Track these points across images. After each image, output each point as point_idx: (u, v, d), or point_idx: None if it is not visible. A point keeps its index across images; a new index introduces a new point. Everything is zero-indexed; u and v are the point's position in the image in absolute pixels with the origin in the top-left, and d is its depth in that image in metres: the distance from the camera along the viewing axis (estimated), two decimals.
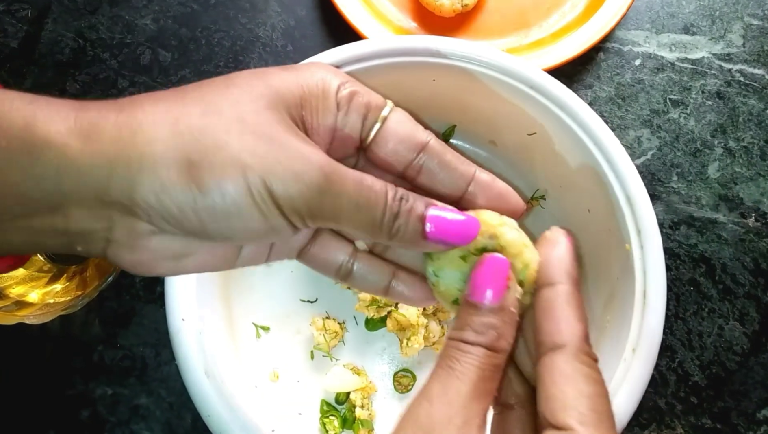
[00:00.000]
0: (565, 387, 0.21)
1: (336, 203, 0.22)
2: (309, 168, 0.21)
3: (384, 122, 0.25)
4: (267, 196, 0.20)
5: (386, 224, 0.23)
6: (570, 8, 0.52)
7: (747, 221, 0.48)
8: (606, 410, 0.21)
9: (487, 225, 0.25)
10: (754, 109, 0.51)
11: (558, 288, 0.23)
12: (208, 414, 0.33)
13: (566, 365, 0.21)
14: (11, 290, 0.41)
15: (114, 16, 0.52)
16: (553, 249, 0.24)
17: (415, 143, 0.25)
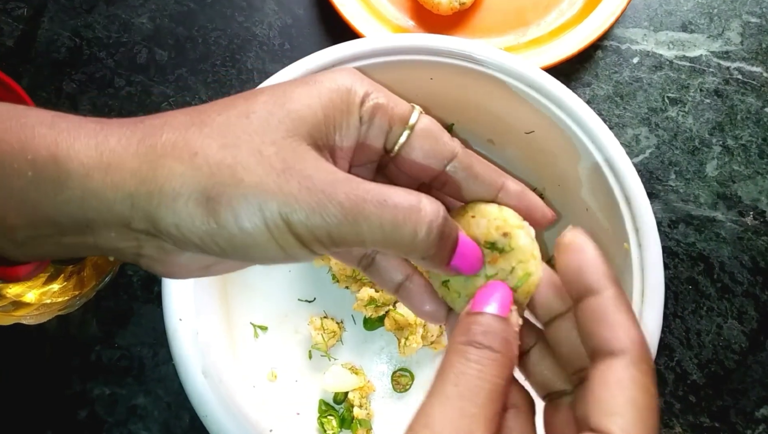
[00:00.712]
0: (617, 393, 0.20)
1: (358, 230, 0.21)
2: (326, 200, 0.20)
3: (411, 131, 0.24)
4: (285, 229, 0.20)
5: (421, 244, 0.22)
6: (568, 6, 0.52)
7: (745, 220, 0.48)
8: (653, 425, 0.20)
9: (504, 223, 0.24)
10: (752, 107, 0.51)
11: (605, 294, 0.21)
12: (205, 414, 0.33)
13: (624, 371, 0.20)
14: (8, 291, 0.41)
15: (110, 14, 0.52)
16: (583, 254, 0.22)
17: (442, 156, 0.25)
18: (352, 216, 0.20)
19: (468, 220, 0.25)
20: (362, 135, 0.24)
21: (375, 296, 0.41)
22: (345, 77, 0.23)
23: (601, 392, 0.20)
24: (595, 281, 0.22)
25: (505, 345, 0.21)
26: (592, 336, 0.21)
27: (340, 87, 0.23)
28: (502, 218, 0.25)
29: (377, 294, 0.42)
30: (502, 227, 0.24)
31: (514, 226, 0.24)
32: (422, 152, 0.25)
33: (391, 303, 0.42)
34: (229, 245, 0.21)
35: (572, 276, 0.22)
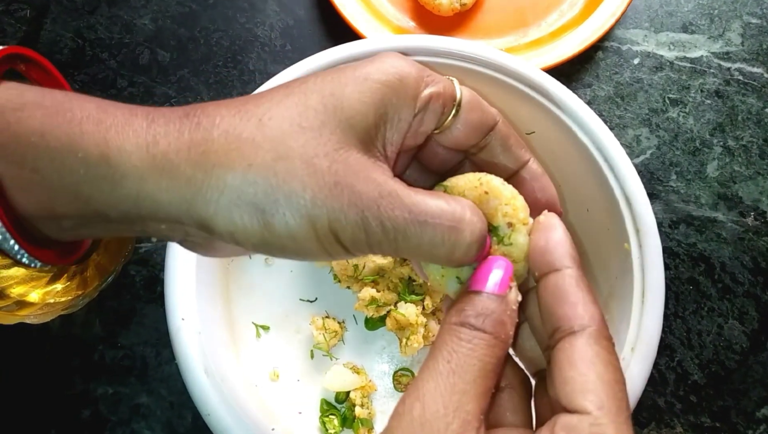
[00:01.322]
0: (585, 371, 0.20)
1: (397, 245, 0.22)
2: (370, 217, 0.21)
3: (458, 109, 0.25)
4: (333, 240, 0.21)
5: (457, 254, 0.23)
6: (568, 7, 0.52)
7: (746, 220, 0.48)
8: (624, 398, 0.21)
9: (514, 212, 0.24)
10: (753, 107, 0.51)
11: (566, 273, 0.22)
12: (207, 413, 0.33)
13: (587, 348, 0.21)
14: (12, 290, 0.41)
15: (112, 16, 0.52)
16: (551, 234, 0.23)
17: (486, 126, 0.26)
18: (392, 235, 0.21)
19: (480, 194, 0.25)
20: (416, 123, 0.24)
21: (376, 296, 0.42)
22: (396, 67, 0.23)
23: (568, 371, 0.21)
24: (558, 259, 0.23)
25: (497, 326, 0.22)
26: (552, 314, 0.22)
27: (391, 81, 0.22)
28: (513, 206, 0.24)
29: (378, 294, 0.42)
30: (510, 216, 0.24)
31: (520, 220, 0.24)
32: (468, 125, 0.25)
33: (393, 303, 0.42)
34: (278, 250, 0.22)
35: (538, 254, 0.23)
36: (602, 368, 0.21)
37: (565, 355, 0.21)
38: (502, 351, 0.22)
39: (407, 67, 0.23)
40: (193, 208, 0.21)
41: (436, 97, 0.24)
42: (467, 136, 0.25)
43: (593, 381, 0.20)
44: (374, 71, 0.22)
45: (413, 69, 0.23)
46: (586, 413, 0.20)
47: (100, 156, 0.20)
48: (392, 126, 0.23)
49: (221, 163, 0.21)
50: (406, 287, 0.42)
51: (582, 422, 0.20)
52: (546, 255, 0.23)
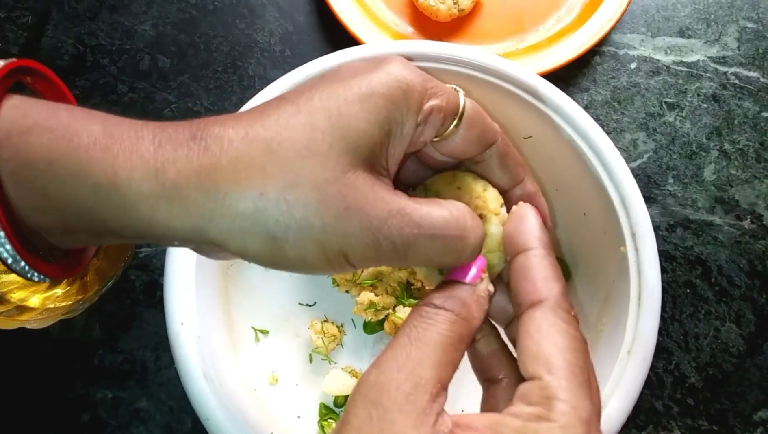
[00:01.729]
0: (540, 340, 0.21)
1: (406, 262, 0.23)
2: (380, 239, 0.22)
3: (460, 121, 0.25)
4: (343, 261, 0.22)
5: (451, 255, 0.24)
6: (566, 12, 0.52)
7: (743, 224, 0.49)
8: (580, 364, 0.21)
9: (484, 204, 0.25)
10: (750, 111, 0.51)
11: (531, 252, 0.23)
12: (207, 418, 0.34)
13: (543, 320, 0.22)
14: (12, 295, 0.41)
15: (113, 22, 0.52)
16: (522, 221, 0.25)
17: (485, 143, 0.26)
18: (403, 251, 0.22)
19: (453, 190, 0.26)
20: (416, 134, 0.24)
21: (375, 300, 0.42)
22: (400, 79, 0.23)
23: (524, 341, 0.22)
24: (525, 241, 0.24)
25: (458, 306, 0.23)
26: (517, 292, 0.23)
27: (395, 95, 0.22)
28: (483, 198, 0.25)
29: (377, 298, 0.42)
30: (480, 208, 0.25)
31: (491, 211, 0.25)
32: (467, 138, 0.25)
33: (391, 307, 0.43)
34: (287, 269, 0.23)
35: (509, 239, 0.25)
36: (557, 336, 0.21)
37: (523, 327, 0.22)
38: (464, 329, 0.23)
39: (411, 77, 0.23)
40: (205, 233, 0.21)
41: (438, 110, 0.24)
42: (465, 149, 0.26)
43: (546, 349, 0.21)
44: (379, 85, 0.22)
45: (418, 80, 0.23)
46: (539, 378, 0.21)
47: (109, 184, 0.21)
48: (395, 141, 0.23)
49: (232, 192, 0.21)
50: (404, 291, 0.43)
51: (533, 387, 0.21)
52: (515, 239, 0.24)
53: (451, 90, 0.25)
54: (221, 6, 0.53)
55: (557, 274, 0.23)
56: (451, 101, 0.24)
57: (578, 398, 0.20)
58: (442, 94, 0.24)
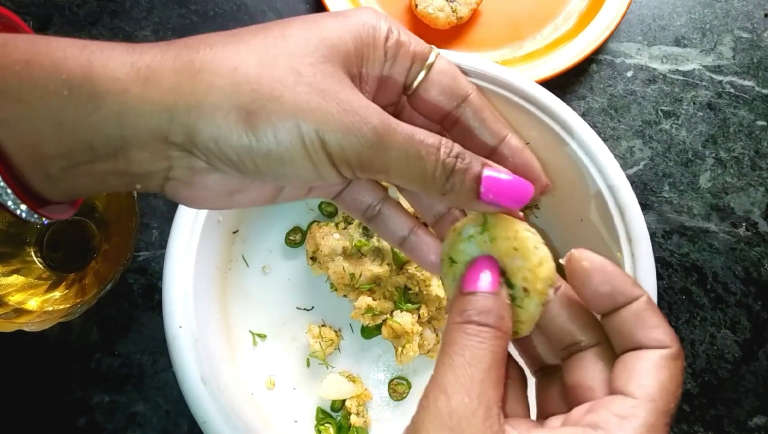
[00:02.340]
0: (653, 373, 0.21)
1: (386, 156, 0.22)
2: (361, 122, 0.21)
3: (429, 70, 0.25)
4: (319, 146, 0.21)
5: (438, 179, 0.23)
6: (563, 21, 0.53)
7: (738, 231, 0.49)
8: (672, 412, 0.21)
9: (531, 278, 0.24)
10: (745, 120, 0.51)
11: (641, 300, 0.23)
12: (203, 420, 0.34)
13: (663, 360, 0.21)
14: (10, 298, 0.41)
15: (114, 27, 0.53)
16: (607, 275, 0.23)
17: (457, 94, 0.26)
18: (383, 142, 0.21)
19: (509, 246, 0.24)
20: (386, 71, 0.24)
21: (372, 304, 0.42)
22: (370, 14, 0.24)
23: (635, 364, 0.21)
24: (630, 292, 0.23)
25: (498, 320, 0.22)
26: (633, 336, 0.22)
27: (366, 22, 0.23)
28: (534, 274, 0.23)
29: (375, 303, 0.42)
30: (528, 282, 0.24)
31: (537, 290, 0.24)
32: (438, 88, 0.25)
33: (389, 312, 0.43)
34: (264, 161, 0.21)
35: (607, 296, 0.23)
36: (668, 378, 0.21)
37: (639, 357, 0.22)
38: (505, 343, 0.23)
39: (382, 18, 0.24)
40: (177, 115, 0.21)
41: (405, 48, 0.24)
42: (437, 101, 0.26)
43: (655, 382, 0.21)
44: (352, 15, 0.24)
45: (387, 20, 0.24)
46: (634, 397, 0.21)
47: (83, 76, 0.20)
48: (367, 64, 0.24)
49: (205, 68, 0.21)
50: (402, 296, 0.43)
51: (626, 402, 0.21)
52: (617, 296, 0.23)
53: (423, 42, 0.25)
54: (221, 12, 0.53)
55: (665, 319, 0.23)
56: (420, 46, 0.25)
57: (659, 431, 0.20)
58: (407, 34, 0.25)
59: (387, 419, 0.43)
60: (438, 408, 0.21)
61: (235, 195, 0.24)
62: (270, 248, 0.45)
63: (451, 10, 0.51)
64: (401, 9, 0.54)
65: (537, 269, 0.24)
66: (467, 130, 0.26)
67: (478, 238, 0.25)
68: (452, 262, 0.25)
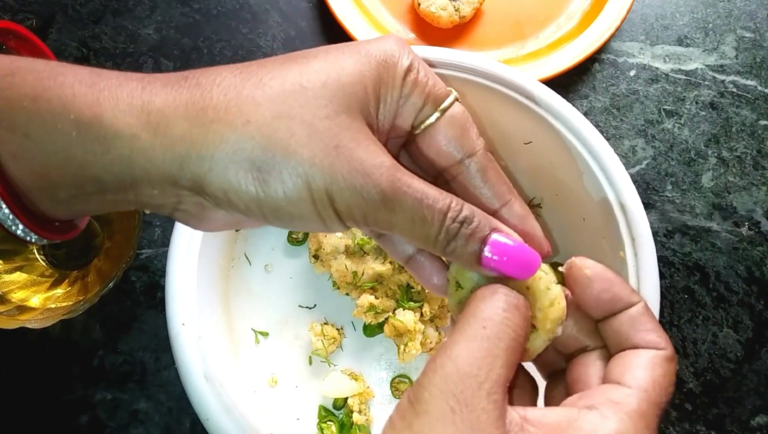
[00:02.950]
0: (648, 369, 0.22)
1: (392, 218, 0.22)
2: (370, 185, 0.21)
3: (442, 114, 0.24)
4: (328, 204, 0.21)
5: (441, 243, 0.23)
6: (566, 20, 0.53)
7: (740, 230, 0.49)
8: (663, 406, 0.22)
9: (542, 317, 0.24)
10: (747, 119, 0.51)
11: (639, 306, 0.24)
12: (206, 417, 0.34)
13: (657, 359, 0.22)
14: (13, 295, 0.42)
15: (117, 25, 0.53)
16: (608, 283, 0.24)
17: (464, 148, 0.25)
18: (390, 204, 0.21)
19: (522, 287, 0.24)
20: (400, 106, 0.24)
21: (375, 303, 0.42)
22: (393, 45, 0.23)
23: (632, 359, 0.22)
24: (628, 298, 0.23)
25: (527, 311, 0.23)
26: (629, 338, 0.23)
27: (388, 60, 0.23)
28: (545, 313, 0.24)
29: (377, 301, 0.42)
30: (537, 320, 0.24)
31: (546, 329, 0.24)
32: (446, 138, 0.25)
33: (391, 310, 0.43)
34: (272, 213, 0.21)
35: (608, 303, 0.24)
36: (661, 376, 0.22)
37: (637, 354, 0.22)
38: (526, 330, 0.23)
39: (402, 49, 0.23)
40: (187, 165, 0.20)
41: (420, 88, 0.24)
42: (443, 148, 0.25)
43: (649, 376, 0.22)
44: (374, 49, 0.23)
45: (407, 52, 0.24)
46: (629, 387, 0.21)
47: (92, 117, 0.20)
48: (383, 105, 0.23)
49: (219, 118, 0.20)
50: (404, 294, 0.43)
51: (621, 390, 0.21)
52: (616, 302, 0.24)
53: (442, 83, 0.25)
54: (224, 11, 0.54)
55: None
56: (437, 88, 0.24)
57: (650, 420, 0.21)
58: (430, 76, 0.24)
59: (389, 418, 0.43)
60: (446, 373, 0.20)
61: (241, 222, 0.24)
62: (272, 246, 0.45)
63: (453, 9, 0.51)
64: (404, 8, 0.54)
65: (547, 310, 0.24)
66: (467, 187, 0.26)
67: None
68: (458, 286, 0.25)
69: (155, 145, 0.20)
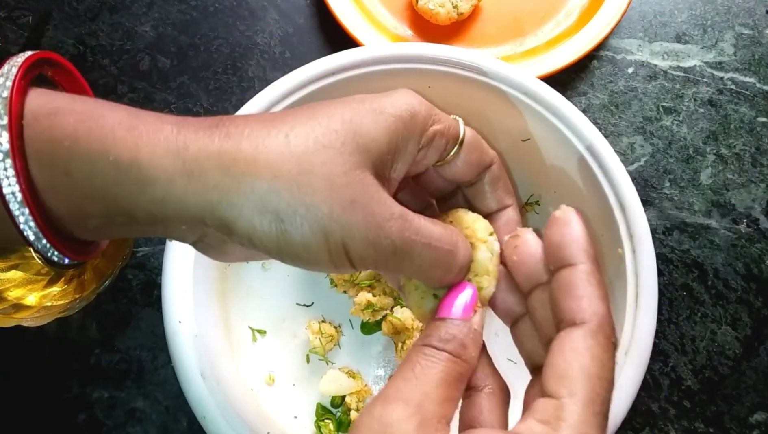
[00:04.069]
0: (570, 361, 0.21)
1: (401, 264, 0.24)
2: (382, 237, 0.23)
3: (461, 146, 0.27)
4: (343, 253, 0.23)
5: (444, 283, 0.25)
6: (564, 17, 0.53)
7: (739, 227, 0.49)
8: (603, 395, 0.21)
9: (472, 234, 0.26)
10: (746, 116, 0.51)
11: (578, 268, 0.23)
12: (203, 416, 0.34)
13: (580, 341, 0.21)
14: (9, 293, 0.41)
15: (114, 22, 0.52)
16: (567, 228, 0.24)
17: (483, 165, 0.28)
18: (400, 254, 0.23)
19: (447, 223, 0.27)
20: (420, 156, 0.26)
21: (372, 300, 0.42)
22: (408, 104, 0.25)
23: (555, 358, 0.22)
24: (573, 254, 0.23)
25: (459, 348, 0.23)
26: (558, 306, 0.23)
27: (404, 117, 0.24)
28: (472, 228, 0.27)
29: (375, 299, 0.42)
30: (469, 237, 0.26)
31: (479, 239, 0.26)
32: (467, 163, 0.27)
33: (389, 308, 0.43)
34: (290, 257, 0.23)
35: (553, 248, 0.24)
36: (588, 361, 0.21)
37: (559, 344, 0.22)
38: (464, 369, 0.23)
39: (418, 104, 0.25)
40: (218, 210, 0.22)
41: (440, 134, 0.26)
42: (464, 172, 0.28)
43: (574, 370, 0.21)
44: (389, 106, 0.25)
45: (423, 107, 0.25)
46: (558, 398, 0.21)
47: (131, 160, 0.21)
48: (400, 157, 0.25)
49: (249, 172, 0.22)
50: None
51: (549, 406, 0.21)
52: (560, 250, 0.23)
53: (452, 119, 0.27)
54: (222, 8, 0.53)
55: (603, 293, 0.22)
56: (452, 128, 0.26)
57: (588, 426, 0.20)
58: (444, 121, 0.26)
59: None
60: (371, 414, 0.21)
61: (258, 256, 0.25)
62: None
63: (451, 5, 0.50)
64: (402, 5, 0.54)
65: (473, 224, 0.27)
66: (480, 192, 0.28)
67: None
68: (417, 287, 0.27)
69: (189, 191, 0.22)
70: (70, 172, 0.21)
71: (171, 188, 0.22)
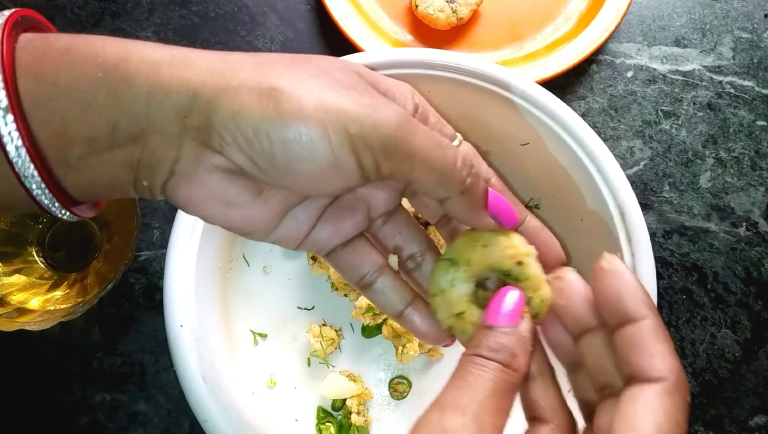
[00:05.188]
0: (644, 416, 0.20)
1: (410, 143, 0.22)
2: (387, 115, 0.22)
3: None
4: (340, 130, 0.21)
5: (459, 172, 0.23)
6: (563, 21, 0.53)
7: (738, 231, 0.49)
8: None
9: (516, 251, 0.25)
10: (745, 120, 0.51)
11: (644, 323, 0.21)
12: (205, 419, 0.34)
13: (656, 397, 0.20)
14: (12, 297, 0.42)
15: (116, 28, 0.53)
16: (622, 281, 0.22)
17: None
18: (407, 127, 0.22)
19: (480, 249, 0.25)
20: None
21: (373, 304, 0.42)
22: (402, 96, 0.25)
23: (628, 408, 0.20)
24: (634, 308, 0.22)
25: (509, 358, 0.23)
26: (629, 362, 0.21)
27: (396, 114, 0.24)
28: (512, 246, 0.25)
29: None
30: (515, 256, 0.25)
31: (525, 254, 0.25)
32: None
33: None
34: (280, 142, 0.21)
35: (611, 302, 0.22)
36: (663, 419, 0.20)
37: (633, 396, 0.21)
38: (514, 379, 0.22)
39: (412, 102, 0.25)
40: (202, 91, 0.21)
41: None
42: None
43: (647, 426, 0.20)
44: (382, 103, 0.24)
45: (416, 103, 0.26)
46: None
47: (119, 59, 0.21)
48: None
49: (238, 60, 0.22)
50: None
51: None
52: (620, 305, 0.22)
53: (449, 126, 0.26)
54: (222, 13, 0.54)
55: (673, 348, 0.21)
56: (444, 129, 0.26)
57: None
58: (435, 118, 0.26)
59: (387, 418, 0.43)
60: (430, 423, 0.21)
61: (231, 208, 0.24)
62: (271, 248, 0.46)
63: (451, 10, 0.51)
64: (402, 10, 0.54)
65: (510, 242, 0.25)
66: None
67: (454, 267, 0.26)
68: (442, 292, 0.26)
69: (174, 76, 0.21)
70: (57, 82, 0.21)
71: (156, 78, 0.21)
